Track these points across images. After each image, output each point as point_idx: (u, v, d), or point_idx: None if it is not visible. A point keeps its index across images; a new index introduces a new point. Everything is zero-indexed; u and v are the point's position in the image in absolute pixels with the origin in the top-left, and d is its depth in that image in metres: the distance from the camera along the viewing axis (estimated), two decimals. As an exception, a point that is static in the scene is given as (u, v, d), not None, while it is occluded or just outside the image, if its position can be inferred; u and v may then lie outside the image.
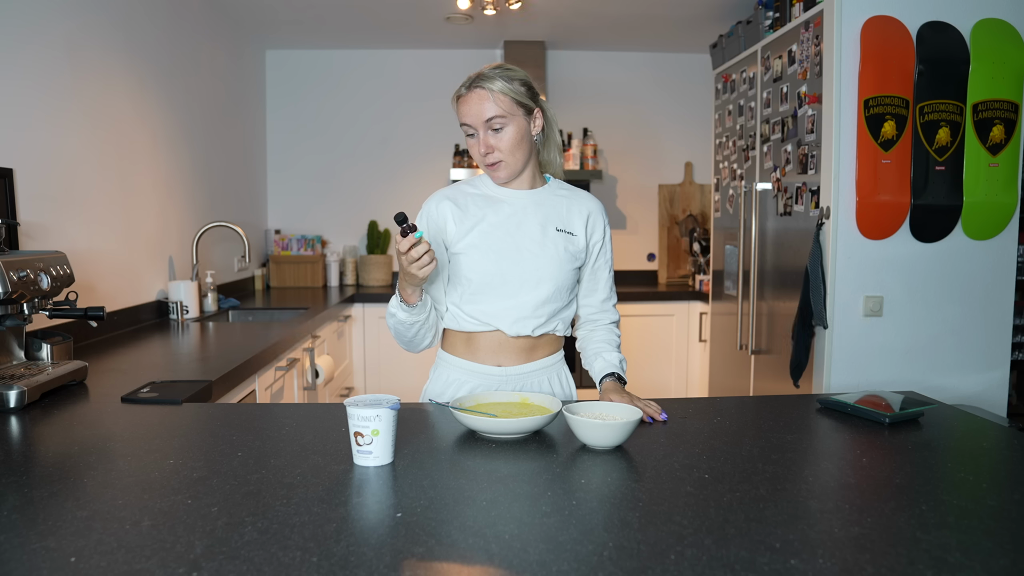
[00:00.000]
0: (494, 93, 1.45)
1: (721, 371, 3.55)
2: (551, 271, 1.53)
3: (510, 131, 1.47)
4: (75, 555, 0.82)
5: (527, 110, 1.49)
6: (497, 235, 1.53)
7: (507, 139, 1.47)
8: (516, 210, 1.55)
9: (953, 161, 2.44)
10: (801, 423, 1.40)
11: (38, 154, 2.15)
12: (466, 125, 1.49)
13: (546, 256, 1.53)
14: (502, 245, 1.52)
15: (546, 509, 0.96)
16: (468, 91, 1.47)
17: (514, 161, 1.50)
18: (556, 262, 1.53)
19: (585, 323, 1.68)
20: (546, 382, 1.61)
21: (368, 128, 4.54)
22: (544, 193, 1.58)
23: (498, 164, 1.50)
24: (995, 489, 1.07)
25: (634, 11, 3.76)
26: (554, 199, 1.58)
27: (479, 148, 1.49)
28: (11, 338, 1.67)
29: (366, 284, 4.40)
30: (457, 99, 1.50)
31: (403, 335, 1.54)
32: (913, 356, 2.53)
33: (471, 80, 1.48)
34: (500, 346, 1.56)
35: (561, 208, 1.57)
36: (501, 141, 1.47)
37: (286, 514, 0.93)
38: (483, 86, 1.45)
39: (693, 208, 4.57)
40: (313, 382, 2.85)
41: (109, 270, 2.53)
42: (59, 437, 1.32)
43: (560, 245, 1.54)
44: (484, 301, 1.54)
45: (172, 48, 3.12)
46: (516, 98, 1.46)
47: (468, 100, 1.47)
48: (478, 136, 1.48)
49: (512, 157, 1.49)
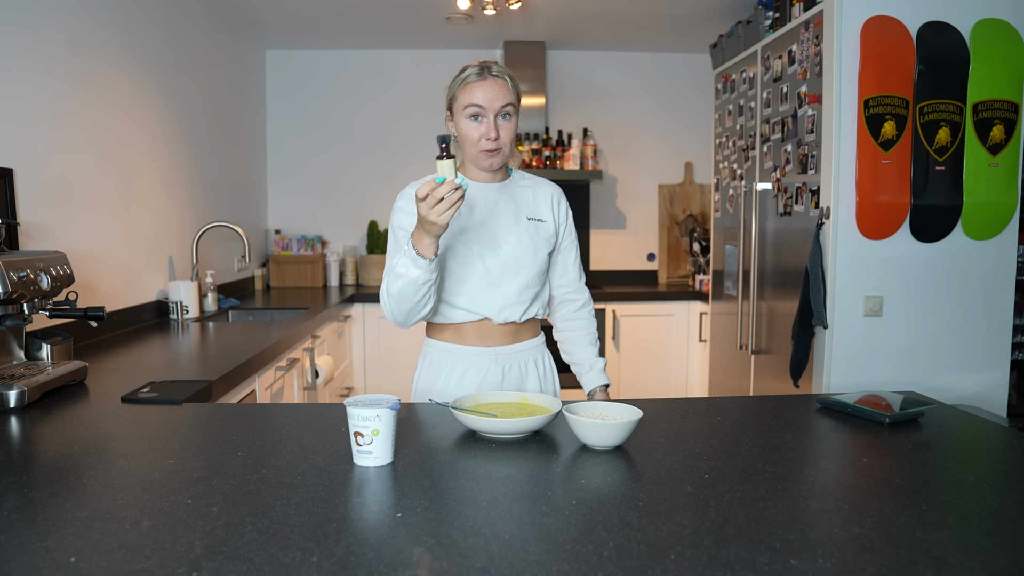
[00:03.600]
0: (509, 85, 1.55)
1: (721, 371, 3.55)
2: (528, 259, 1.62)
3: (513, 122, 1.57)
4: (75, 555, 0.82)
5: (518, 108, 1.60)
6: (475, 229, 1.61)
7: (510, 129, 1.56)
8: (489, 202, 1.64)
9: (953, 161, 2.44)
10: (801, 423, 1.40)
11: (38, 154, 2.15)
12: (477, 107, 1.52)
13: (522, 245, 1.62)
14: (480, 238, 1.61)
15: (546, 509, 0.96)
16: (486, 77, 1.53)
17: (508, 151, 1.59)
18: (532, 249, 1.62)
19: (561, 304, 1.78)
20: (531, 362, 1.70)
21: (368, 128, 4.54)
22: (511, 185, 1.67)
23: (497, 151, 1.56)
24: (995, 489, 1.07)
25: (634, 11, 3.76)
26: (520, 189, 1.68)
27: (486, 132, 1.53)
28: (11, 338, 1.67)
29: (366, 284, 4.40)
30: (464, 83, 1.54)
31: (408, 299, 1.49)
32: (913, 356, 2.53)
33: (484, 67, 1.54)
34: (487, 332, 1.65)
35: (528, 197, 1.67)
36: (505, 130, 1.55)
37: (286, 514, 0.93)
38: (503, 76, 1.55)
39: (693, 208, 4.57)
40: (313, 382, 2.85)
41: (109, 270, 2.53)
42: (59, 437, 1.32)
43: (532, 232, 1.64)
44: (470, 292, 1.61)
45: (172, 48, 3.12)
46: (519, 94, 1.58)
47: (485, 85, 1.53)
48: (486, 120, 1.53)
49: (508, 147, 1.58)
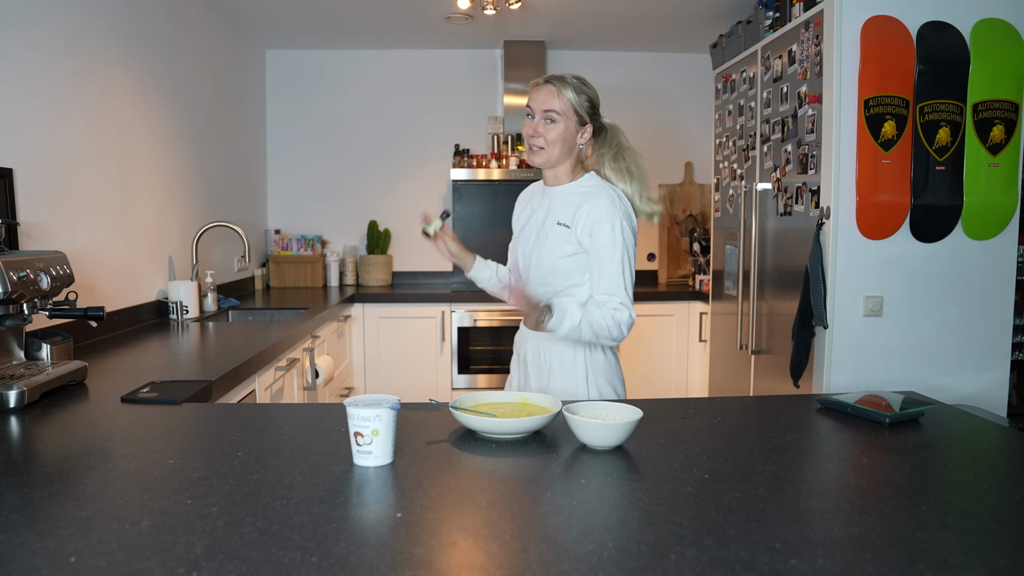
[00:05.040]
0: (560, 93, 1.70)
1: (721, 371, 3.55)
2: (539, 259, 1.75)
3: (559, 127, 1.70)
4: (75, 555, 0.82)
5: (580, 120, 1.72)
6: (524, 226, 1.86)
7: (554, 132, 1.70)
8: (535, 204, 1.85)
9: (953, 161, 2.44)
10: (801, 423, 1.40)
11: (38, 154, 2.15)
12: (528, 108, 1.74)
13: (539, 245, 1.76)
14: (520, 234, 1.87)
15: (546, 509, 0.96)
16: (543, 83, 1.73)
17: (552, 152, 1.72)
18: (547, 251, 1.73)
19: None
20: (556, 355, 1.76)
21: (368, 128, 4.54)
22: (561, 189, 1.78)
23: (538, 150, 1.73)
24: (995, 489, 1.07)
25: (634, 11, 3.76)
26: (567, 195, 1.76)
27: (528, 129, 1.73)
28: (11, 338, 1.67)
29: (366, 284, 4.40)
30: (532, 85, 1.76)
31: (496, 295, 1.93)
32: (913, 356, 2.53)
33: (549, 75, 1.73)
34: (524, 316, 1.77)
35: (572, 203, 1.74)
36: (549, 132, 1.71)
37: (286, 514, 0.93)
38: (555, 84, 1.71)
39: (693, 208, 4.57)
40: (313, 382, 2.85)
41: (109, 270, 2.53)
42: (59, 437, 1.32)
43: (556, 235, 1.73)
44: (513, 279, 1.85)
45: (172, 48, 3.12)
46: (575, 106, 1.71)
47: (539, 90, 1.73)
48: (531, 121, 1.73)
49: (552, 148, 1.72)
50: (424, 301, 3.98)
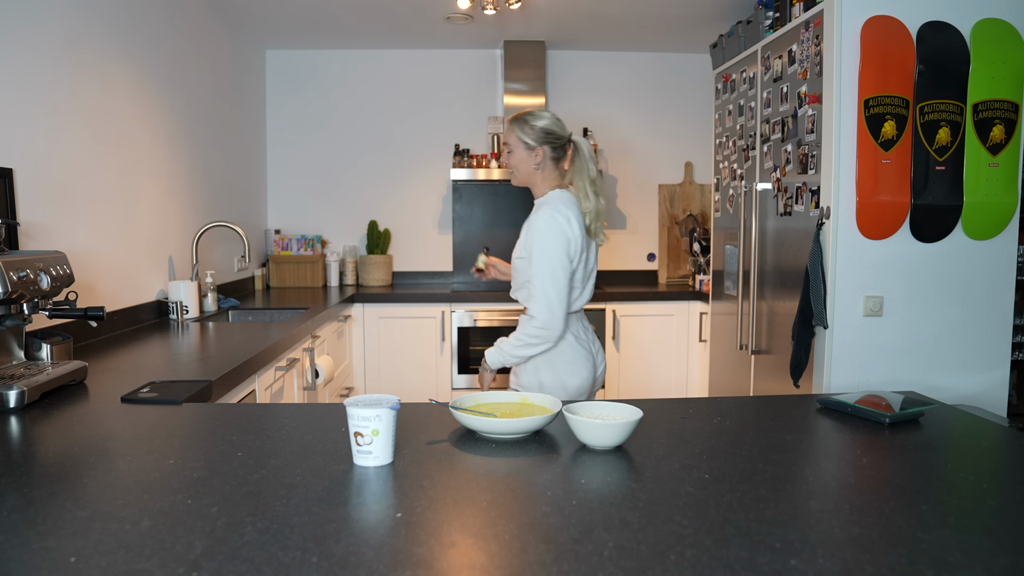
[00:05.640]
0: (510, 130, 2.06)
1: (721, 371, 3.55)
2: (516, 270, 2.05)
3: (513, 156, 2.07)
4: (75, 555, 0.82)
5: (527, 146, 2.02)
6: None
7: (512, 160, 2.08)
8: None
9: (953, 161, 2.44)
10: (801, 423, 1.40)
11: (38, 154, 2.15)
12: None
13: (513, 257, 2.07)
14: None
15: (546, 509, 0.96)
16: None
17: (517, 175, 2.09)
18: (513, 251, 2.06)
19: None
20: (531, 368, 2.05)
21: (368, 128, 4.54)
22: (535, 204, 2.08)
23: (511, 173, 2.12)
24: (995, 489, 1.07)
25: (634, 11, 3.76)
26: (534, 209, 2.06)
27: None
28: (11, 338, 1.67)
29: (366, 284, 4.40)
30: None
31: None
32: (913, 356, 2.53)
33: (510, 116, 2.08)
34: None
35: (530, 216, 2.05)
36: (508, 159, 2.09)
37: (286, 514, 0.93)
38: (510, 123, 2.06)
39: (693, 208, 4.57)
40: (313, 382, 2.85)
41: (109, 270, 2.53)
42: (59, 437, 1.32)
43: (519, 240, 2.04)
44: None
45: (172, 48, 3.12)
46: (520, 137, 2.03)
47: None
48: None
49: (515, 172, 2.09)
50: (424, 301, 3.98)
